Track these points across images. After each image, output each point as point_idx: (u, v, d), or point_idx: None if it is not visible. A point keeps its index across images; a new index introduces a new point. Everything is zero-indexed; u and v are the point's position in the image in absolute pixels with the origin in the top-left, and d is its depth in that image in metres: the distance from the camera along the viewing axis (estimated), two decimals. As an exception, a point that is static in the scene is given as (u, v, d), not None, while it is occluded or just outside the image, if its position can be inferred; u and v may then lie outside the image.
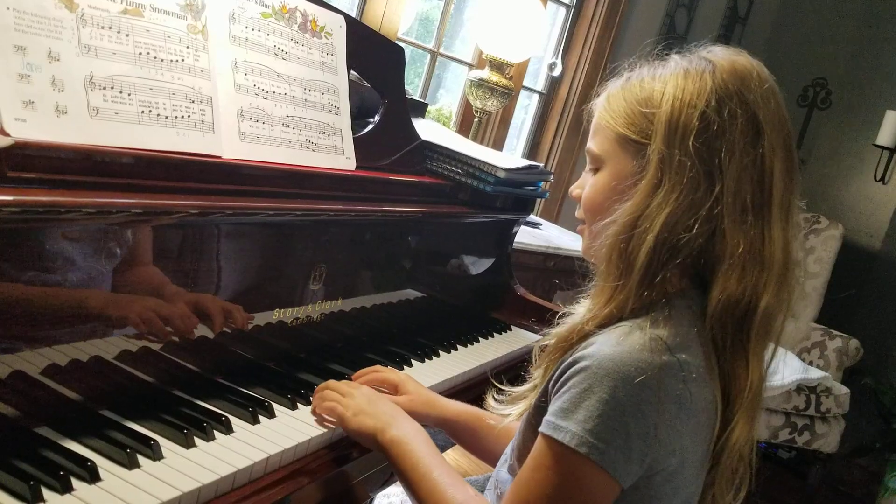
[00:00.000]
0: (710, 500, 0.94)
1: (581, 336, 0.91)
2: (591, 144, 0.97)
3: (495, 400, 1.07)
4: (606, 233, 0.91)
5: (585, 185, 0.99)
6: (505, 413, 1.04)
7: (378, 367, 1.24)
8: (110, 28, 0.92)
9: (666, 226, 0.87)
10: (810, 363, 3.53)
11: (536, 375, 0.98)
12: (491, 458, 1.19)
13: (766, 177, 0.88)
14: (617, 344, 0.84)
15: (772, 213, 0.89)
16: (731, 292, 0.87)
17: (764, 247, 0.88)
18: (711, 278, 0.89)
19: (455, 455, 2.84)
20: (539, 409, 0.91)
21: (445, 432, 1.21)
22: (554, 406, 0.86)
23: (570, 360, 0.87)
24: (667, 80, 0.91)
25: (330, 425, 1.06)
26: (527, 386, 1.01)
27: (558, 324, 0.96)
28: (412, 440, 1.00)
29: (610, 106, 0.95)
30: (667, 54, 0.95)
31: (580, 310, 0.96)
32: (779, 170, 0.89)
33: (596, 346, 0.86)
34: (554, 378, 0.89)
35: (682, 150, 0.87)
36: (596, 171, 0.97)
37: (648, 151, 0.89)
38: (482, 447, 1.19)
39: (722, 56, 0.92)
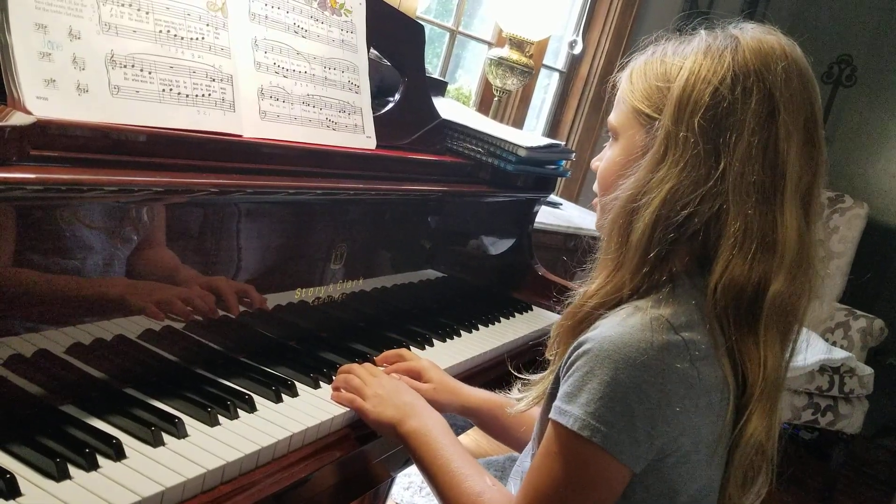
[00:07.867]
0: (727, 499, 0.91)
1: (584, 315, 0.90)
2: (611, 116, 0.97)
3: (519, 391, 1.07)
4: (610, 208, 0.92)
5: (603, 158, 0.99)
6: (519, 398, 1.04)
7: (402, 351, 1.23)
8: (130, 6, 0.91)
9: (665, 203, 0.85)
10: (834, 343, 3.49)
11: (551, 362, 0.97)
12: (516, 445, 1.18)
13: (780, 160, 0.85)
14: (618, 325, 0.84)
15: (784, 196, 0.85)
16: (737, 275, 0.84)
17: (776, 231, 0.85)
18: (714, 258, 0.86)
19: (475, 435, 2.85)
20: (552, 396, 0.90)
21: (470, 420, 1.21)
22: (561, 391, 0.86)
23: (575, 343, 0.86)
24: (686, 56, 0.89)
25: (353, 404, 1.06)
26: (543, 373, 1.01)
27: (567, 305, 0.96)
28: (430, 431, 1.00)
29: (631, 80, 0.94)
30: (695, 30, 0.93)
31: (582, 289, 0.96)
32: (795, 154, 0.86)
33: (599, 329, 0.85)
34: (563, 364, 0.88)
35: (687, 127, 0.85)
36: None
37: (656, 126, 0.89)
38: (506, 434, 1.19)
39: (750, 34, 0.89)
